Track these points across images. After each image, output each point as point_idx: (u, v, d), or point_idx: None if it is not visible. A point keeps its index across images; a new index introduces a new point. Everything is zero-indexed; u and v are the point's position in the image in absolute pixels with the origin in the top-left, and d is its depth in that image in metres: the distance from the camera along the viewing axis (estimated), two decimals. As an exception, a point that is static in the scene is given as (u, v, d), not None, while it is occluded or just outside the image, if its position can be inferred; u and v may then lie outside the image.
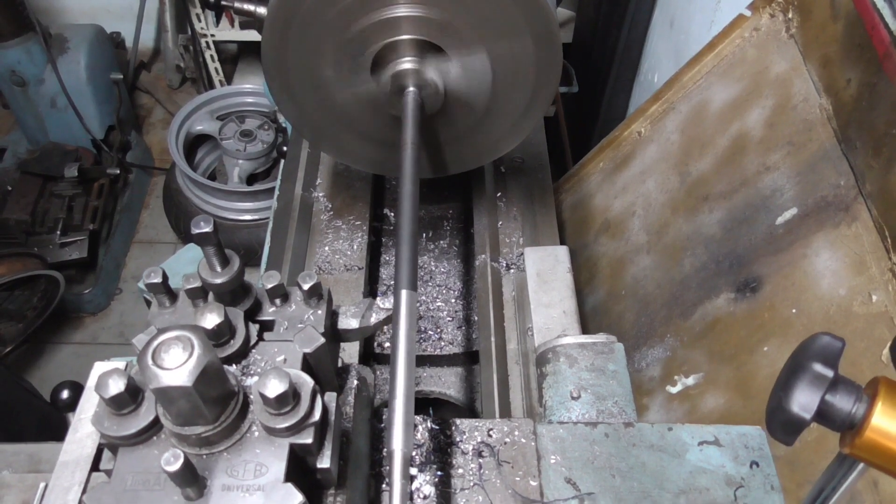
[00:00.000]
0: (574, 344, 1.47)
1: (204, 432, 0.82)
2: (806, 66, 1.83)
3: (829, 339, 0.63)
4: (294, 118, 1.65)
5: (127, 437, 0.83)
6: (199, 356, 0.75)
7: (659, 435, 1.24)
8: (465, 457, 1.20)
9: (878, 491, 1.33)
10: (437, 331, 1.86)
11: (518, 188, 2.05)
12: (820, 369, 0.61)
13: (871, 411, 0.61)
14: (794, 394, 0.61)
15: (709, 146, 2.08)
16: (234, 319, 0.92)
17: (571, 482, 1.18)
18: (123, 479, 0.82)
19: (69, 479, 1.09)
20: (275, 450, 0.84)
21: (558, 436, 1.24)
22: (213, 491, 0.81)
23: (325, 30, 1.43)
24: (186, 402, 0.77)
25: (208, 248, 0.93)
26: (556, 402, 1.41)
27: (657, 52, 3.06)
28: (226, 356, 0.91)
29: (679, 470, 1.20)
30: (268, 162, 4.15)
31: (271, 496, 0.81)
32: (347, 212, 1.97)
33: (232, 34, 4.50)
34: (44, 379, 3.75)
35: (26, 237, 3.79)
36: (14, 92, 4.04)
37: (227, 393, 0.83)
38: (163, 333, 0.77)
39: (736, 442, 1.23)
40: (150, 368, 0.75)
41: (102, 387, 0.80)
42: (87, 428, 1.13)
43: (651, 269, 2.15)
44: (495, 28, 1.41)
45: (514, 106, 1.58)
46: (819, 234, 1.63)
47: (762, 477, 1.19)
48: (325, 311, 1.00)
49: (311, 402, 0.85)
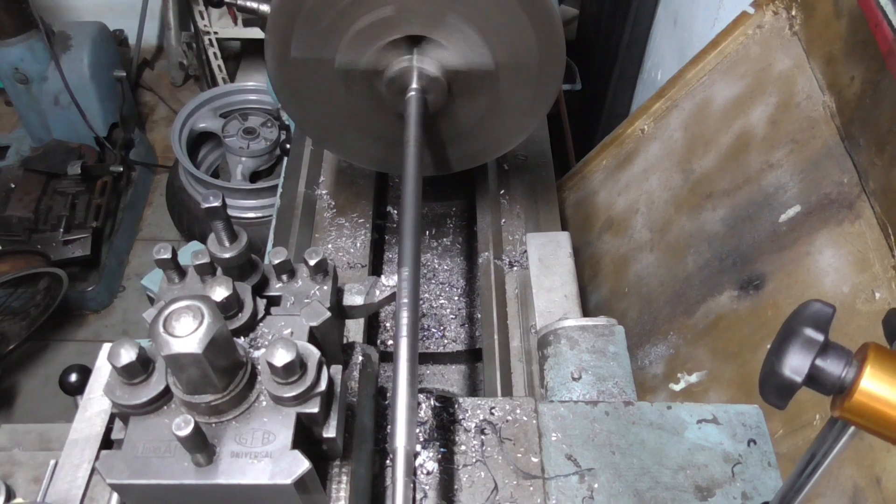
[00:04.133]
0: (575, 326, 1.49)
1: (213, 400, 0.84)
2: (809, 64, 1.83)
3: (820, 305, 0.65)
4: (297, 116, 1.65)
5: (138, 406, 0.85)
6: (209, 324, 0.77)
7: (658, 413, 1.27)
8: (467, 434, 1.22)
9: (882, 489, 1.33)
10: (440, 328, 1.86)
11: (521, 186, 2.04)
12: (811, 334, 0.63)
13: (860, 375, 0.63)
14: (786, 358, 0.63)
15: (712, 144, 2.08)
16: (242, 293, 0.94)
17: (572, 458, 1.21)
18: (135, 446, 0.84)
19: (79, 456, 1.13)
20: (282, 419, 0.86)
21: (559, 414, 1.26)
22: (222, 457, 0.84)
23: (327, 27, 1.43)
24: (196, 369, 0.79)
25: (217, 223, 0.95)
26: (558, 383, 1.43)
27: (660, 49, 3.06)
28: (234, 329, 0.92)
29: (678, 447, 1.22)
30: (271, 159, 4.15)
31: (279, 462, 0.83)
32: (350, 209, 1.98)
33: (235, 31, 4.50)
34: (47, 376, 3.76)
35: (29, 235, 3.79)
36: (17, 89, 4.04)
37: (236, 363, 0.85)
38: (174, 303, 0.79)
39: (734, 420, 1.26)
40: (162, 336, 0.77)
41: (115, 356, 0.82)
42: (97, 407, 1.17)
43: (654, 267, 2.15)
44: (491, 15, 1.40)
45: (517, 103, 1.58)
46: (822, 232, 1.63)
47: (759, 454, 1.22)
48: (331, 287, 1.02)
49: (318, 372, 0.86)
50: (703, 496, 1.17)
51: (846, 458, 1.40)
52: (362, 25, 1.42)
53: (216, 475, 0.83)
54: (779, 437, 1.53)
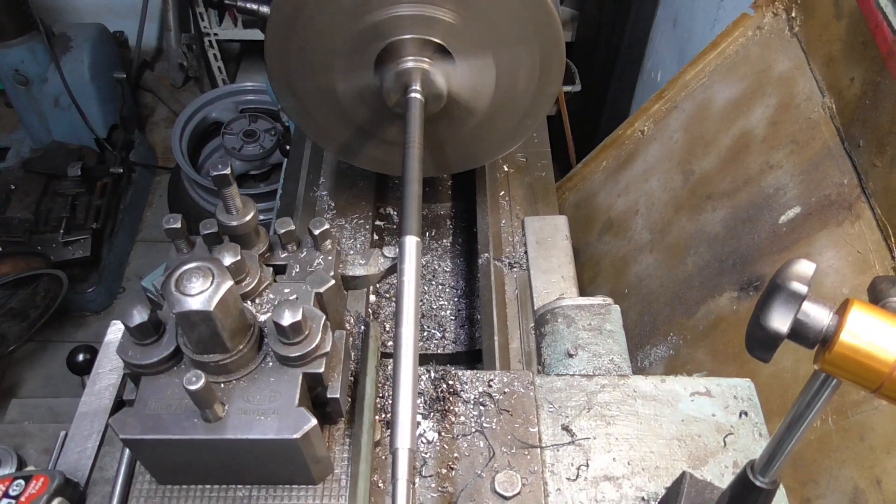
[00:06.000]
0: (572, 305, 1.52)
1: (222, 360, 0.87)
2: (809, 65, 1.83)
3: (804, 262, 0.68)
4: (297, 117, 1.65)
5: (150, 366, 0.89)
6: (219, 283, 0.81)
7: (652, 386, 1.31)
8: (466, 405, 1.26)
9: (882, 490, 1.33)
10: (440, 329, 1.86)
11: (521, 187, 2.05)
12: (794, 287, 0.66)
13: (840, 327, 0.66)
14: (770, 312, 0.67)
15: (712, 145, 2.08)
16: (249, 261, 0.97)
17: (568, 429, 1.25)
18: (146, 404, 0.88)
19: (88, 427, 1.19)
20: (288, 378, 0.89)
21: (556, 387, 1.30)
22: (230, 414, 0.87)
23: (328, 28, 1.43)
24: (206, 327, 0.82)
25: (226, 191, 0.98)
26: (554, 359, 1.47)
27: (660, 50, 3.06)
28: (241, 294, 0.95)
29: (672, 418, 1.26)
30: (263, 166, 4.14)
31: (285, 419, 0.87)
32: (350, 211, 1.98)
33: (235, 33, 4.50)
34: (47, 377, 3.75)
35: (30, 236, 3.79)
36: (18, 91, 4.04)
37: (244, 324, 0.88)
38: (185, 264, 0.82)
39: (726, 393, 1.30)
40: (174, 294, 0.80)
41: (128, 316, 0.85)
42: (105, 381, 1.23)
43: (654, 268, 2.15)
44: (502, 34, 1.41)
45: (518, 106, 1.58)
46: (822, 233, 1.63)
47: (751, 425, 1.25)
48: (335, 258, 1.06)
49: (322, 334, 0.90)
50: (695, 465, 1.21)
51: (846, 460, 1.40)
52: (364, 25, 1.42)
53: (225, 430, 0.86)
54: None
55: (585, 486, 1.18)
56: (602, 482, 1.19)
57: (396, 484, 0.86)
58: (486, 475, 1.16)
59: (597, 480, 1.19)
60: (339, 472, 0.98)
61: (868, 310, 0.67)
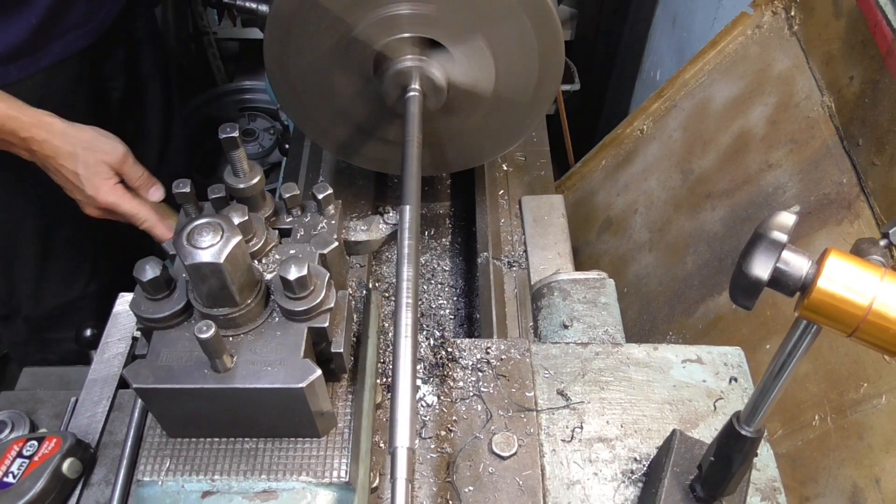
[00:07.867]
0: (567, 280, 1.57)
1: (230, 313, 0.90)
2: (808, 64, 1.83)
3: (784, 213, 0.71)
4: (296, 115, 1.65)
5: (161, 320, 0.92)
6: (229, 237, 0.84)
7: (645, 353, 1.35)
8: (464, 371, 1.30)
9: (881, 489, 1.33)
10: (439, 328, 1.86)
11: (520, 186, 2.05)
12: (775, 236, 0.70)
13: (818, 274, 0.69)
14: (752, 260, 0.70)
15: (711, 144, 2.08)
16: (255, 222, 1.01)
17: (563, 394, 1.29)
18: (158, 356, 0.91)
19: (98, 393, 1.24)
20: (294, 332, 0.93)
21: (551, 354, 1.35)
22: (238, 365, 0.90)
23: (327, 27, 1.43)
24: (216, 279, 0.85)
25: (233, 154, 1.01)
26: (550, 331, 1.51)
27: (659, 49, 3.06)
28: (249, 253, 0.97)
29: (664, 384, 1.30)
30: (262, 165, 4.12)
31: (291, 369, 0.89)
32: (350, 210, 1.97)
33: (234, 32, 4.49)
34: (46, 376, 3.75)
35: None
36: (16, 90, 4.03)
37: (252, 279, 0.92)
38: (196, 219, 0.85)
39: (717, 360, 1.34)
40: (185, 247, 0.83)
41: (141, 271, 0.89)
42: (114, 350, 1.29)
43: (653, 267, 2.15)
44: (490, 13, 1.41)
45: (517, 103, 1.58)
46: (821, 232, 1.63)
47: (740, 391, 1.30)
48: (338, 222, 1.10)
49: (326, 290, 0.93)
50: (686, 428, 1.24)
51: (845, 459, 1.40)
52: (361, 25, 1.42)
53: (233, 379, 0.89)
54: (778, 437, 1.53)
55: (580, 447, 1.23)
56: (596, 443, 1.23)
57: (395, 483, 0.86)
58: (483, 436, 1.21)
59: (591, 442, 1.24)
60: (343, 426, 1.01)
61: (845, 258, 0.70)
